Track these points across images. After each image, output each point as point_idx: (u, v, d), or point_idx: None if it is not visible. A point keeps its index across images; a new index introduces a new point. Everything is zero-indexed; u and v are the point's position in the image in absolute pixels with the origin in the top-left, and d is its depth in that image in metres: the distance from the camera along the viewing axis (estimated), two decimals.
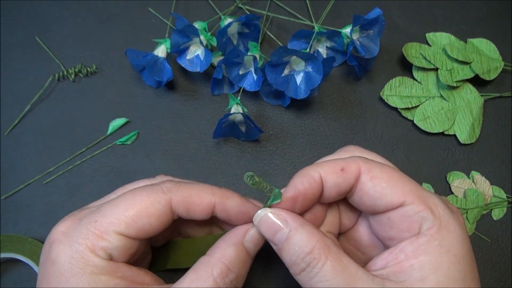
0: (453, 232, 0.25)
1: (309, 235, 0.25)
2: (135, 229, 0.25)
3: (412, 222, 0.25)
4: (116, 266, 0.25)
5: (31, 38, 0.43)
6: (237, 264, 0.26)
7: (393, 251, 0.26)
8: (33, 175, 0.39)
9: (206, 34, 0.40)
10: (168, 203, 0.26)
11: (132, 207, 0.26)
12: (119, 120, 0.40)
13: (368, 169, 0.27)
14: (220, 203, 0.27)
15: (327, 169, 0.27)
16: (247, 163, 0.39)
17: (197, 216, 0.28)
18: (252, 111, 0.41)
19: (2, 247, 0.35)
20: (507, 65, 0.42)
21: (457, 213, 0.26)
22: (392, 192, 0.26)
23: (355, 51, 0.39)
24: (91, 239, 0.25)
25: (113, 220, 0.25)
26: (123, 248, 0.25)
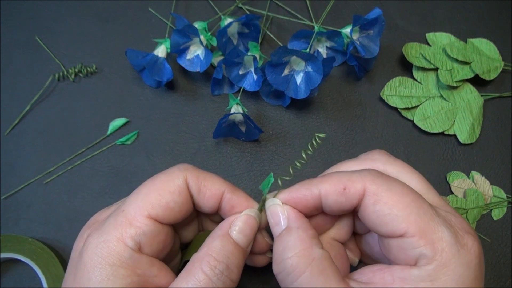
0: (452, 271, 0.23)
1: (298, 240, 0.25)
2: (161, 208, 0.26)
3: (409, 256, 0.24)
4: (139, 260, 0.25)
5: (31, 38, 0.43)
6: (224, 254, 0.25)
7: (383, 270, 0.25)
8: (33, 175, 0.39)
9: (206, 34, 0.40)
10: (185, 180, 0.27)
11: (153, 189, 0.26)
12: (119, 120, 0.40)
13: (374, 191, 0.25)
14: (229, 191, 0.28)
15: (328, 186, 0.27)
16: (247, 163, 0.39)
17: (206, 200, 0.28)
18: (252, 111, 0.41)
19: (2, 247, 0.35)
20: (507, 65, 0.42)
21: (469, 248, 0.24)
22: (394, 221, 0.25)
23: (355, 51, 0.39)
24: (120, 228, 0.25)
25: (139, 204, 0.26)
26: (151, 234, 0.25)
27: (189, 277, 0.25)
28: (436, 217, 0.25)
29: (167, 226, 0.27)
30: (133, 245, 0.25)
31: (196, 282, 0.24)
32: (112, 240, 0.25)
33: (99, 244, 0.25)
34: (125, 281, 0.24)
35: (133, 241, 0.25)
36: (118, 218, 0.25)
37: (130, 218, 0.25)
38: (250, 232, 0.27)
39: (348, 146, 0.40)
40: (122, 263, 0.24)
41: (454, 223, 0.25)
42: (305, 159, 0.27)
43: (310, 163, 0.39)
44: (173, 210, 0.26)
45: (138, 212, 0.25)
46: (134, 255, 0.25)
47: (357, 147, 0.40)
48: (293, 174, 0.28)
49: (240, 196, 0.28)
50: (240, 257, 0.26)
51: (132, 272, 0.24)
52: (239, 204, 0.28)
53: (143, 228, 0.25)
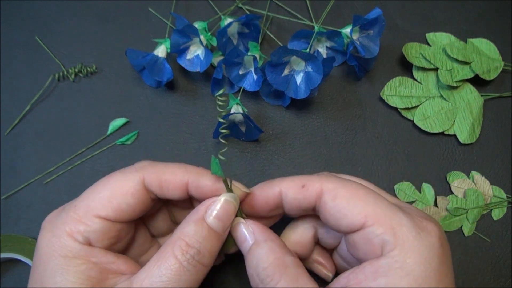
0: (416, 253, 0.24)
1: (269, 251, 0.26)
2: (111, 209, 0.26)
3: (373, 245, 0.25)
4: (91, 251, 0.25)
5: (31, 38, 0.43)
6: (197, 239, 0.25)
7: (355, 271, 0.25)
8: (33, 175, 0.39)
9: (206, 34, 0.40)
10: (141, 181, 0.27)
11: (106, 188, 0.27)
12: (119, 120, 0.40)
13: (331, 188, 0.27)
14: (193, 180, 0.28)
15: (287, 184, 0.28)
16: (247, 163, 0.39)
17: (171, 193, 0.28)
18: (252, 111, 0.41)
19: (2, 247, 0.35)
20: (507, 65, 0.42)
21: (429, 231, 0.25)
22: (353, 212, 0.25)
23: (355, 51, 0.39)
24: (70, 224, 0.26)
25: (90, 203, 0.26)
26: (101, 232, 0.26)
27: (161, 261, 0.25)
28: (391, 205, 0.26)
29: (120, 223, 0.27)
30: (82, 239, 0.25)
31: (167, 266, 0.24)
32: (62, 235, 0.25)
33: (51, 239, 0.25)
34: (80, 268, 0.24)
35: (82, 236, 0.25)
36: (69, 214, 0.26)
37: (81, 215, 0.26)
38: (226, 218, 0.27)
39: (348, 146, 0.40)
40: (74, 254, 0.25)
41: (410, 211, 0.26)
42: (226, 122, 0.28)
43: (310, 163, 0.39)
44: (125, 211, 0.26)
45: (88, 210, 0.26)
46: (84, 247, 0.25)
47: (357, 147, 0.40)
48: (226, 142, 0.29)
49: (206, 182, 0.28)
50: (214, 242, 0.26)
51: (86, 260, 0.25)
52: (208, 190, 0.28)
53: (92, 226, 0.26)
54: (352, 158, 0.40)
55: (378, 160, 0.40)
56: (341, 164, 0.40)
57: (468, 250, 0.38)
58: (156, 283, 0.24)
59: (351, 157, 0.40)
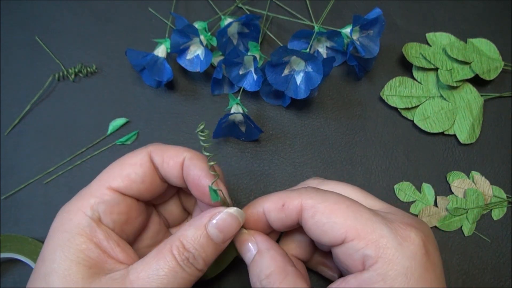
0: (398, 265, 0.24)
1: (271, 260, 0.27)
2: (121, 178, 0.27)
3: (355, 260, 0.25)
4: (96, 230, 0.26)
5: (31, 38, 0.43)
6: (193, 245, 0.26)
7: (341, 283, 0.25)
8: (33, 175, 0.39)
9: (206, 34, 0.40)
10: (148, 153, 0.28)
11: (117, 164, 0.28)
12: (119, 120, 0.40)
13: (311, 205, 0.27)
14: (189, 158, 0.28)
15: (269, 204, 0.28)
16: (247, 163, 0.39)
17: (170, 169, 0.28)
18: (252, 111, 0.41)
19: (2, 247, 0.35)
20: (507, 65, 0.42)
21: (412, 239, 0.25)
22: (333, 228, 0.26)
23: (355, 51, 0.39)
24: (82, 200, 0.27)
25: (101, 178, 0.27)
26: (110, 204, 0.26)
27: (159, 256, 0.25)
28: (373, 217, 0.26)
29: (130, 198, 0.28)
30: (91, 214, 0.26)
31: (165, 262, 0.25)
32: (73, 210, 0.26)
33: (62, 214, 0.26)
34: (81, 247, 0.25)
35: (91, 210, 0.26)
36: (83, 192, 0.27)
37: (93, 190, 0.27)
38: (228, 231, 0.27)
39: (348, 146, 0.40)
40: (79, 230, 0.25)
41: (394, 219, 0.26)
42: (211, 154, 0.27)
43: (310, 163, 0.39)
44: (135, 181, 0.27)
45: (99, 184, 0.27)
46: (92, 224, 0.26)
47: (357, 147, 0.40)
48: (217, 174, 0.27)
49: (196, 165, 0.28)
50: (211, 252, 0.26)
51: (88, 239, 0.25)
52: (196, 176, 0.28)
53: (103, 198, 0.26)
54: (352, 158, 0.40)
55: (378, 160, 0.40)
56: (341, 164, 0.40)
57: (468, 250, 0.38)
58: (153, 276, 0.24)
59: (351, 157, 0.40)
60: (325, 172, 0.39)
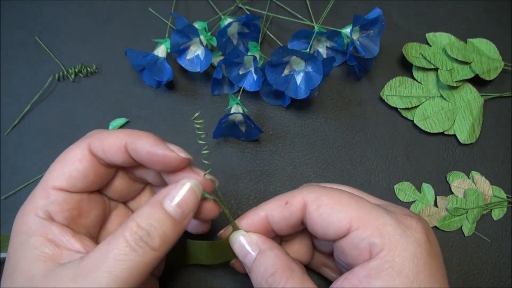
0: (404, 251, 0.24)
1: (275, 258, 0.27)
2: (63, 177, 0.27)
3: (361, 249, 0.25)
4: (49, 227, 0.26)
5: (31, 38, 0.43)
6: (148, 222, 0.25)
7: (347, 277, 0.25)
8: (33, 175, 0.39)
9: (206, 34, 0.40)
10: (87, 146, 0.28)
11: (59, 160, 0.28)
12: (119, 120, 0.40)
13: (314, 198, 0.27)
14: (130, 142, 0.27)
15: (271, 205, 0.29)
16: (247, 163, 0.39)
17: (114, 157, 0.28)
18: (252, 111, 0.41)
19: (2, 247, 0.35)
20: (507, 65, 0.42)
21: (414, 228, 0.25)
22: (338, 218, 0.26)
23: (355, 51, 0.39)
24: (32, 201, 0.27)
25: (46, 178, 0.27)
26: (59, 203, 0.27)
27: (111, 242, 0.24)
28: (375, 207, 0.26)
29: (77, 194, 0.28)
30: (42, 214, 0.26)
31: (115, 246, 0.24)
32: (27, 213, 0.26)
33: (18, 218, 0.27)
34: (35, 245, 0.25)
35: (42, 211, 0.26)
36: (32, 194, 0.27)
37: (40, 191, 0.27)
38: (186, 205, 0.26)
39: (348, 146, 0.40)
40: (34, 231, 0.26)
41: (394, 210, 0.27)
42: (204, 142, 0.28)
43: (310, 163, 0.39)
44: (77, 178, 0.27)
45: (46, 185, 0.27)
46: (44, 223, 0.26)
47: (357, 147, 0.40)
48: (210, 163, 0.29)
49: (144, 143, 0.27)
50: (168, 227, 0.25)
51: (42, 237, 0.26)
52: (145, 153, 0.27)
53: (49, 198, 0.26)
54: (352, 158, 0.40)
55: (378, 160, 0.40)
56: (341, 164, 0.40)
57: (468, 250, 0.38)
58: (104, 261, 0.24)
59: (351, 157, 0.40)
60: (325, 172, 0.39)
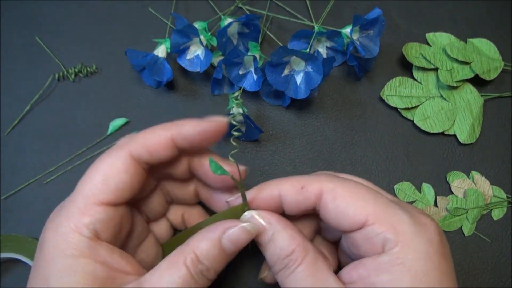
0: (416, 249, 0.24)
1: (291, 238, 0.27)
2: (110, 191, 0.26)
3: (374, 243, 0.25)
4: (97, 248, 0.25)
5: (31, 38, 0.43)
6: (208, 257, 0.26)
7: (357, 267, 0.26)
8: (33, 175, 0.39)
9: (206, 34, 0.40)
10: (128, 155, 0.27)
11: (98, 173, 0.26)
12: (119, 120, 0.40)
13: (331, 188, 0.27)
14: (176, 134, 0.27)
15: (287, 186, 0.28)
16: (247, 163, 0.39)
17: (162, 154, 0.27)
18: (252, 111, 0.41)
19: (2, 247, 0.35)
20: (507, 65, 0.42)
21: (428, 227, 0.25)
22: (354, 212, 0.26)
23: (355, 51, 0.39)
24: (74, 219, 0.25)
25: (87, 193, 0.26)
26: (105, 220, 0.26)
27: (173, 269, 0.25)
28: (391, 203, 0.26)
29: (121, 207, 0.27)
30: (88, 233, 0.25)
31: (179, 275, 0.25)
32: (68, 232, 0.25)
33: (57, 237, 0.25)
34: (87, 269, 0.24)
35: (88, 229, 0.25)
36: (70, 210, 0.26)
37: (82, 207, 0.25)
38: (241, 244, 0.27)
39: (348, 146, 0.40)
40: (81, 252, 0.24)
41: (408, 208, 0.27)
42: (238, 125, 0.28)
43: (310, 163, 0.39)
44: (124, 190, 0.26)
45: (88, 200, 0.26)
46: (91, 243, 0.25)
47: (357, 147, 0.40)
48: (238, 145, 0.29)
49: (188, 127, 0.27)
50: (223, 263, 0.27)
51: (92, 260, 0.25)
52: (193, 138, 0.27)
53: (96, 216, 0.25)
54: (352, 158, 0.40)
55: (378, 160, 0.40)
56: (341, 164, 0.40)
57: (468, 250, 0.38)
58: (167, 287, 0.24)
59: (351, 157, 0.40)
60: None
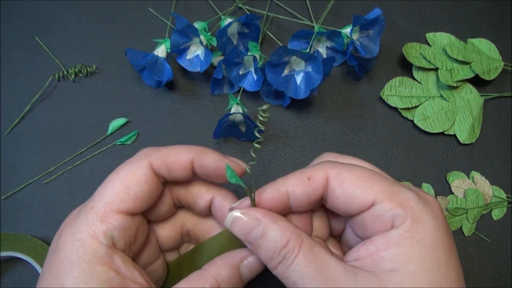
0: (425, 224, 0.25)
1: (283, 229, 0.26)
2: (129, 200, 0.26)
3: (384, 221, 0.25)
4: (113, 256, 0.25)
5: (31, 38, 0.43)
6: (227, 284, 0.27)
7: (365, 243, 0.26)
8: (33, 175, 0.39)
9: (206, 34, 0.40)
10: (149, 166, 0.27)
11: (119, 182, 0.27)
12: (119, 120, 0.40)
13: (337, 174, 0.27)
14: (197, 159, 0.28)
15: (292, 181, 0.28)
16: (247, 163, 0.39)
17: (178, 174, 0.28)
18: (252, 111, 0.41)
19: (2, 246, 0.35)
20: (507, 65, 0.42)
21: (432, 204, 0.26)
22: (362, 193, 0.26)
23: (355, 51, 0.39)
24: (92, 225, 0.25)
25: (107, 200, 0.26)
26: (122, 228, 0.26)
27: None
28: (396, 183, 0.27)
29: (138, 217, 0.27)
30: (106, 241, 0.25)
31: None
32: (86, 238, 0.25)
33: (74, 242, 0.25)
34: (104, 277, 0.24)
35: (106, 237, 0.25)
36: (89, 216, 0.26)
37: (101, 215, 0.26)
38: (257, 271, 0.29)
39: (348, 146, 0.40)
40: (98, 259, 0.25)
41: (412, 187, 0.27)
42: (261, 138, 0.28)
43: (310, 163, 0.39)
44: (143, 199, 0.27)
45: (107, 208, 0.26)
46: (109, 251, 0.25)
47: (357, 147, 0.40)
48: (256, 157, 0.28)
49: (210, 158, 0.29)
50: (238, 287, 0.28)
51: (109, 268, 0.25)
52: (211, 168, 0.29)
53: (114, 223, 0.26)
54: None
55: (378, 160, 0.40)
56: None
57: (468, 250, 0.38)
58: None
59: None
60: None
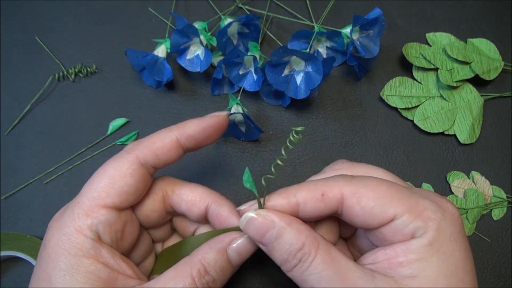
0: (444, 232, 0.25)
1: (298, 232, 0.26)
2: (115, 194, 0.26)
3: (405, 234, 0.25)
4: (100, 249, 0.26)
5: (31, 38, 0.43)
6: (215, 269, 0.26)
7: (384, 248, 0.26)
8: (33, 175, 0.39)
9: (206, 34, 0.40)
10: (135, 159, 0.28)
11: (105, 176, 0.27)
12: (119, 120, 0.40)
13: (353, 191, 0.26)
14: (180, 134, 0.29)
15: (306, 194, 0.27)
16: (247, 163, 0.39)
17: (169, 156, 0.28)
18: (252, 111, 0.41)
19: (2, 246, 0.35)
20: (507, 65, 0.42)
21: (450, 210, 0.26)
22: (382, 209, 0.26)
23: (355, 51, 0.39)
24: (77, 220, 0.26)
25: (93, 195, 0.26)
26: (108, 222, 0.26)
27: (178, 278, 0.25)
28: (413, 194, 0.26)
29: (125, 212, 0.27)
30: (91, 235, 0.26)
31: (183, 285, 0.25)
32: (72, 232, 0.25)
33: (61, 237, 0.25)
34: (90, 269, 0.25)
35: (91, 231, 0.26)
36: (75, 210, 0.26)
37: (86, 209, 0.26)
38: (246, 255, 0.28)
39: (348, 146, 0.40)
40: (84, 252, 0.25)
41: (428, 194, 0.27)
42: (285, 156, 0.27)
43: (310, 163, 0.39)
44: (129, 193, 0.27)
45: (92, 202, 0.26)
46: (95, 244, 0.25)
47: (357, 147, 0.40)
48: (275, 173, 0.28)
49: (192, 125, 0.29)
50: (228, 274, 0.27)
51: (95, 260, 0.25)
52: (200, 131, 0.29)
53: (99, 218, 0.26)
54: (352, 158, 0.40)
55: (378, 160, 0.40)
56: None
57: None
58: None
59: (351, 157, 0.40)
60: None
